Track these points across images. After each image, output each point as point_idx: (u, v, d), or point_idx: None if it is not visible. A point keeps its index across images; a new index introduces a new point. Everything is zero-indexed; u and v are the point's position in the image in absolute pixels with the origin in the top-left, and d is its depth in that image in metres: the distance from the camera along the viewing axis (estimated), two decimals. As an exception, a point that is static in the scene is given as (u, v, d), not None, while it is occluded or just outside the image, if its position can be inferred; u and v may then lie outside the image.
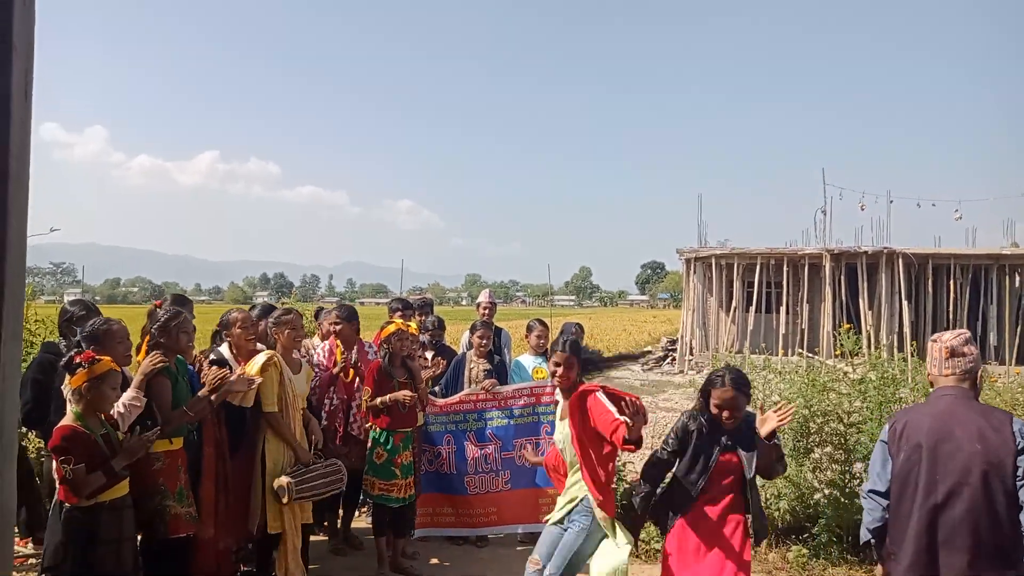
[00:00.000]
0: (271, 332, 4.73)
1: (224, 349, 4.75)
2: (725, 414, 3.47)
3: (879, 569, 3.20)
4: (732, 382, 3.47)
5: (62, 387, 3.62)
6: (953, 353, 3.02)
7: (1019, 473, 2.77)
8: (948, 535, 2.84)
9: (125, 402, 3.74)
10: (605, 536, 3.67)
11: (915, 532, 2.89)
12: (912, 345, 12.48)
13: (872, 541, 3.15)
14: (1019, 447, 2.79)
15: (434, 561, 5.52)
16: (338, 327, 5.63)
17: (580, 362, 3.80)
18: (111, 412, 3.66)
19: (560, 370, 3.77)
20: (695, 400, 3.70)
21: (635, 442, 3.31)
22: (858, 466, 5.50)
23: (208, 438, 4.34)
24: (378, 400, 5.09)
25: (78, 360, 3.48)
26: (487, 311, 6.89)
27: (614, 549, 3.60)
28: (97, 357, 3.52)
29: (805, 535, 5.45)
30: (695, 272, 22.45)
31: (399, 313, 6.41)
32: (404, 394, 5.05)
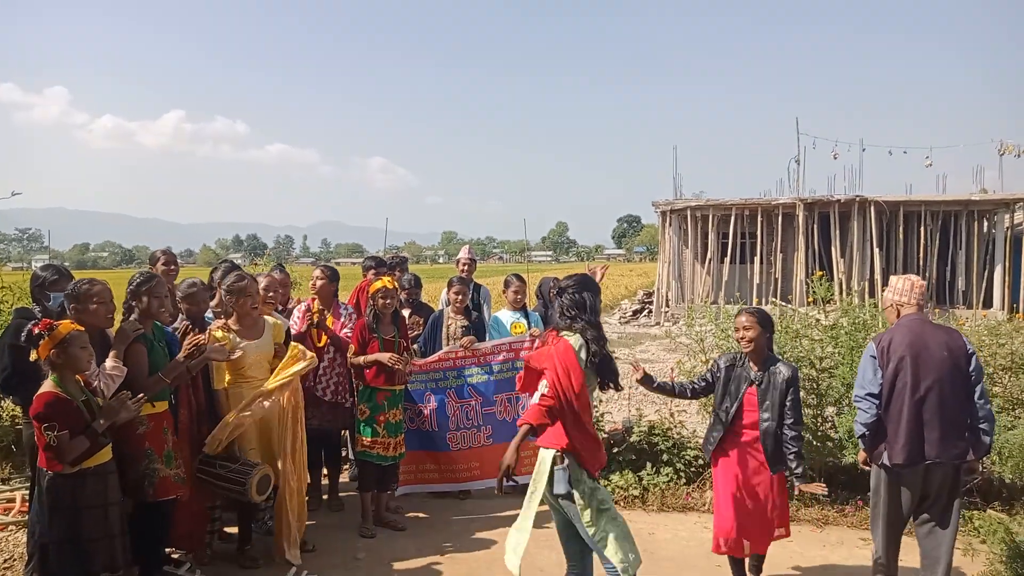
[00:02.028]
0: (225, 301, 4.59)
1: (210, 314, 4.76)
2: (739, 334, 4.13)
3: (862, 455, 4.07)
4: (747, 312, 4.12)
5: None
6: (922, 289, 4.01)
7: (971, 369, 3.85)
8: (928, 420, 3.79)
9: (107, 371, 3.71)
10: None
11: (907, 420, 3.80)
12: (883, 291, 12.69)
13: (866, 434, 3.92)
14: (970, 352, 3.89)
15: (418, 514, 5.61)
16: (319, 282, 5.61)
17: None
18: (93, 382, 3.64)
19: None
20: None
21: None
22: (830, 410, 5.64)
23: (183, 402, 4.35)
24: (360, 359, 5.09)
25: (37, 330, 3.43)
26: (466, 267, 6.87)
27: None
28: (54, 323, 3.48)
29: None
30: (670, 225, 22.52)
31: (372, 271, 6.38)
32: (387, 356, 5.05)
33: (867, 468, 4.10)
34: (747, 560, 4.31)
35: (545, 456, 3.45)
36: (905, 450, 3.79)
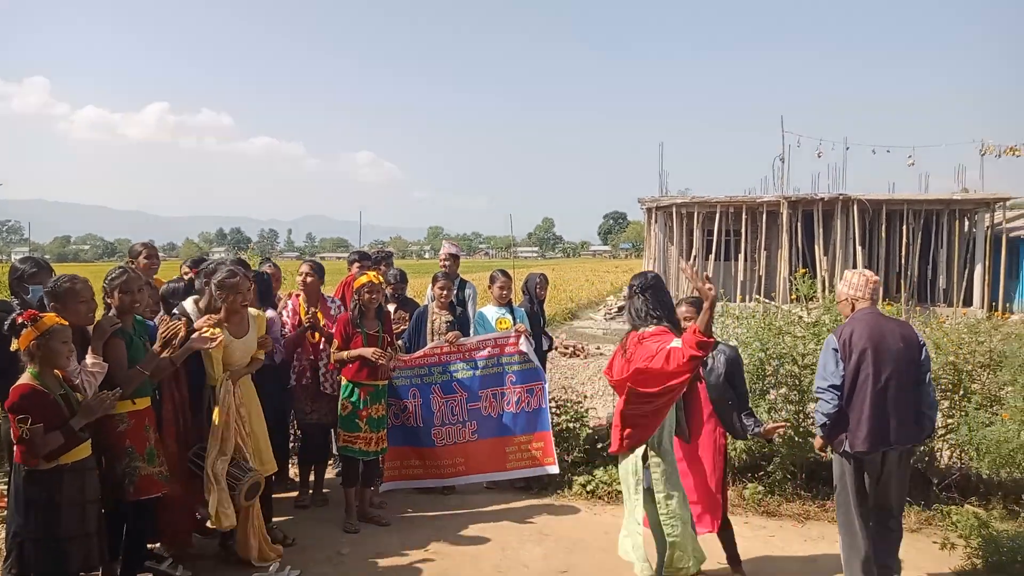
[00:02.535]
0: (215, 295, 4.47)
1: (189, 304, 4.65)
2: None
3: (819, 442, 4.22)
4: (687, 302, 4.32)
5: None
6: (876, 284, 4.19)
7: (922, 359, 4.06)
8: (891, 408, 3.96)
9: (88, 368, 3.67)
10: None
11: (870, 409, 3.95)
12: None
13: (827, 424, 4.05)
14: (921, 343, 4.10)
15: (402, 510, 5.60)
16: (309, 279, 5.60)
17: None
18: (75, 380, 3.60)
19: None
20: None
21: None
22: (812, 406, 5.68)
23: (167, 397, 4.29)
24: (344, 354, 5.07)
25: (21, 320, 3.39)
26: (447, 263, 6.82)
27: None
28: (39, 314, 3.44)
29: (761, 473, 5.65)
30: (656, 221, 22.61)
31: (356, 265, 6.36)
32: (370, 351, 5.03)
33: (823, 455, 4.27)
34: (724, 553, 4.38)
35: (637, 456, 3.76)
36: (868, 438, 3.96)
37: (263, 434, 4.61)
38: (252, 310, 4.72)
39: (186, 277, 5.58)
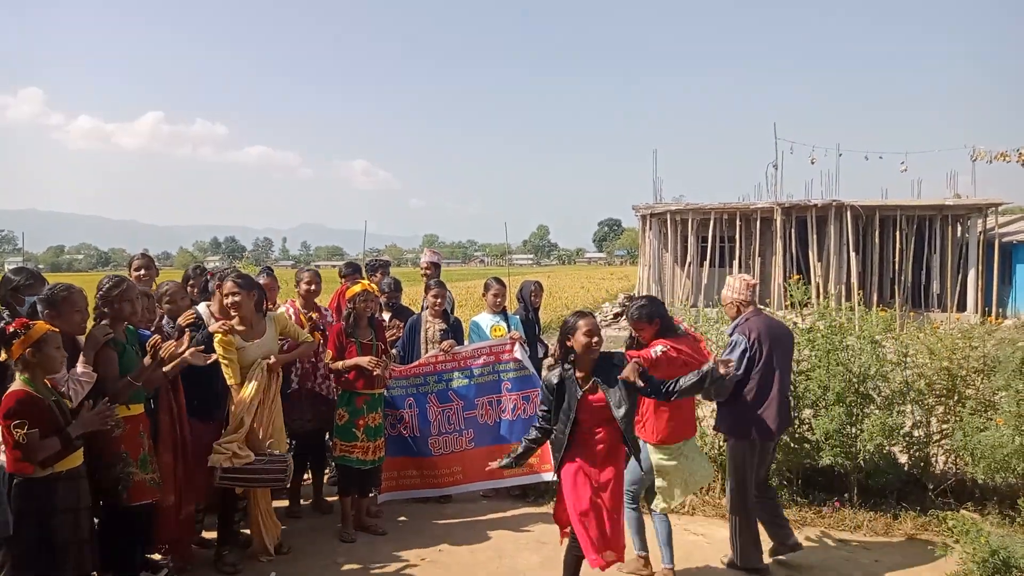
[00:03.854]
0: (227, 304, 4.62)
1: (202, 308, 4.73)
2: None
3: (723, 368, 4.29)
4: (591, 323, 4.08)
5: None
6: (755, 287, 4.61)
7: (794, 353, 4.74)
8: (785, 396, 4.52)
9: (76, 376, 3.66)
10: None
11: (777, 398, 4.41)
12: (859, 294, 12.88)
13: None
14: (794, 338, 4.78)
15: (398, 519, 5.59)
16: (312, 287, 5.62)
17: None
18: (62, 387, 3.59)
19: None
20: (555, 350, 4.48)
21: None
22: (807, 412, 5.69)
23: (163, 406, 4.29)
24: (339, 364, 5.07)
25: (11, 330, 3.38)
26: (427, 271, 6.80)
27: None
28: (30, 323, 3.43)
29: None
30: (651, 228, 22.67)
31: (347, 278, 6.39)
32: (366, 360, 5.03)
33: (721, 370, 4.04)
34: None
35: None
36: (777, 424, 4.41)
37: (279, 415, 4.79)
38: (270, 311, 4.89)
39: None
